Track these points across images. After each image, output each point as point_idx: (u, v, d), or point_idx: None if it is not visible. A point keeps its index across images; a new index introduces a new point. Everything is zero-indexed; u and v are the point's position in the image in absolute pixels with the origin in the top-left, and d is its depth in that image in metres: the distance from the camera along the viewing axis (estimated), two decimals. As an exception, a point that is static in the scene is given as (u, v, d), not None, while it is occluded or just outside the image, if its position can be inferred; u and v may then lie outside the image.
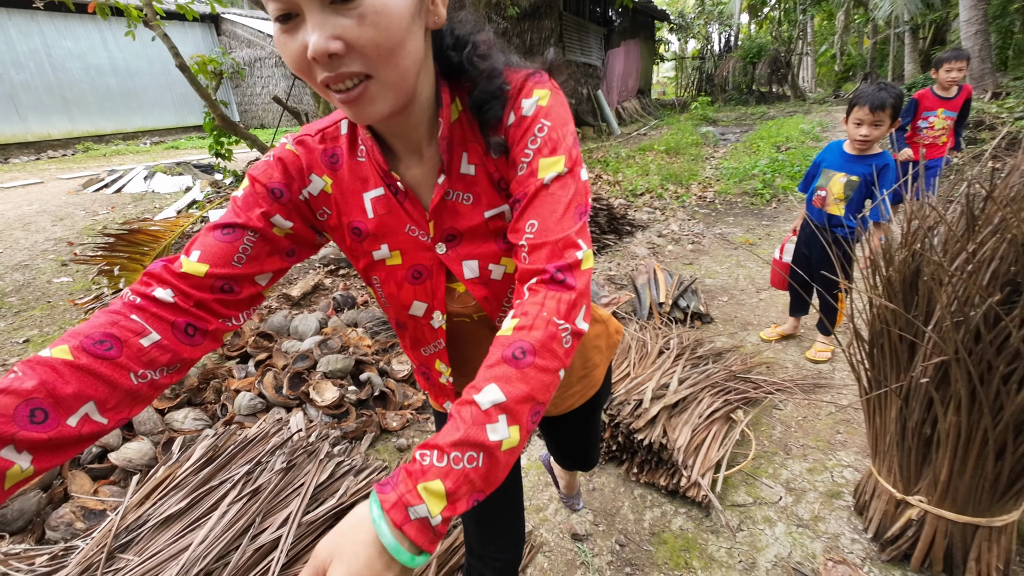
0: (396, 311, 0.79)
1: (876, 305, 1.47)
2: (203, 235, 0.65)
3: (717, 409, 2.14)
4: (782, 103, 18.58)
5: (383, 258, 0.75)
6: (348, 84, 0.57)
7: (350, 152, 0.72)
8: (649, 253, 4.34)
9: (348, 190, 0.72)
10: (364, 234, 0.73)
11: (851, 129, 2.32)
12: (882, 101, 2.19)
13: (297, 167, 0.71)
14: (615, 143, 10.80)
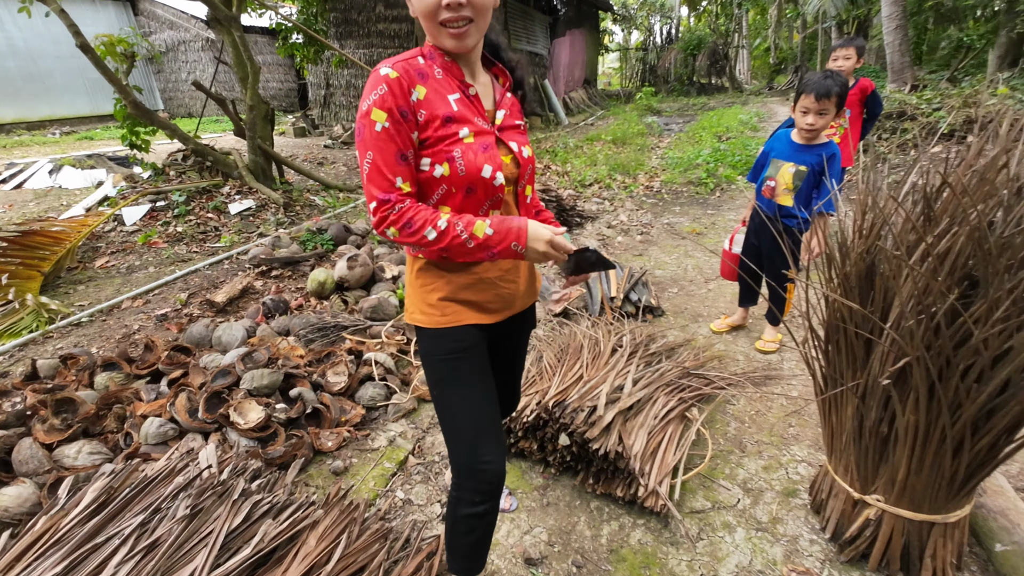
0: (470, 176, 1.07)
1: (832, 301, 1.41)
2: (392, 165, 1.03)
3: (672, 408, 2.07)
4: (721, 94, 19.18)
5: (464, 136, 1.06)
6: (460, 24, 1.01)
7: (431, 72, 1.06)
8: (599, 245, 4.27)
9: (437, 94, 1.06)
10: (452, 119, 1.06)
11: (798, 118, 2.29)
12: (827, 89, 2.17)
13: (402, 86, 1.01)
14: (563, 133, 10.75)
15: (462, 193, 1.09)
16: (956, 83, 7.92)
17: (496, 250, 1.06)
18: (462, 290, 1.17)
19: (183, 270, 3.88)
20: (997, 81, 6.57)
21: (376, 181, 1.02)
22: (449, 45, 1.04)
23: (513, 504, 1.80)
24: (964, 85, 7.36)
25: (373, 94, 0.99)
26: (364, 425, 2.17)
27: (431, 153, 1.05)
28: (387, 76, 1.00)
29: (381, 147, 1.00)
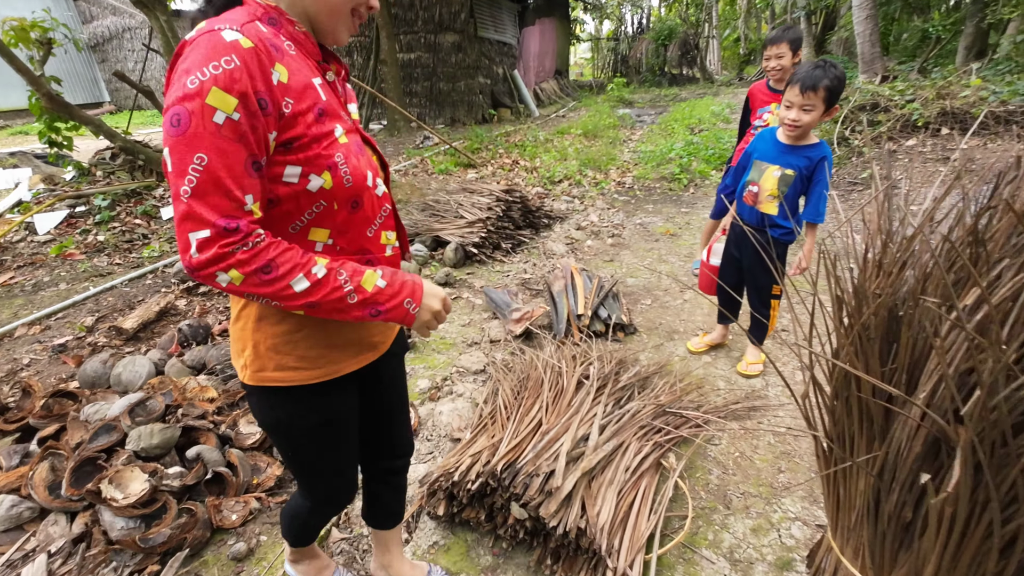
0: (357, 187, 0.86)
1: (841, 360, 1.11)
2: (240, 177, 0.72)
3: (646, 455, 1.77)
4: (692, 85, 19.09)
5: (339, 136, 0.83)
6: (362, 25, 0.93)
7: (282, 45, 0.79)
8: (567, 250, 3.96)
9: (300, 77, 0.79)
10: (326, 113, 0.82)
11: (781, 112, 2.00)
12: (814, 81, 1.87)
13: (261, 62, 0.72)
14: (533, 126, 10.40)
15: (346, 210, 0.87)
16: (926, 74, 7.85)
17: (384, 307, 0.85)
18: (343, 329, 0.94)
19: (97, 287, 3.41)
20: (970, 72, 6.49)
21: (212, 200, 0.70)
22: (342, 39, 0.88)
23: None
24: (934, 76, 7.28)
25: (211, 65, 0.68)
26: (280, 488, 1.81)
27: (303, 159, 0.79)
28: (237, 44, 0.70)
29: (224, 149, 0.69)
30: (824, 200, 2.05)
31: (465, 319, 2.99)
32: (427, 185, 5.85)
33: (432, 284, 0.93)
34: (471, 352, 2.61)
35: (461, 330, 2.86)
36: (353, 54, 10.91)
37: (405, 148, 8.31)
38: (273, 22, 0.81)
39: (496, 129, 9.92)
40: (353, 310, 0.81)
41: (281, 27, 0.81)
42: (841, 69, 1.91)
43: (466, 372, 2.45)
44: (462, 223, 4.01)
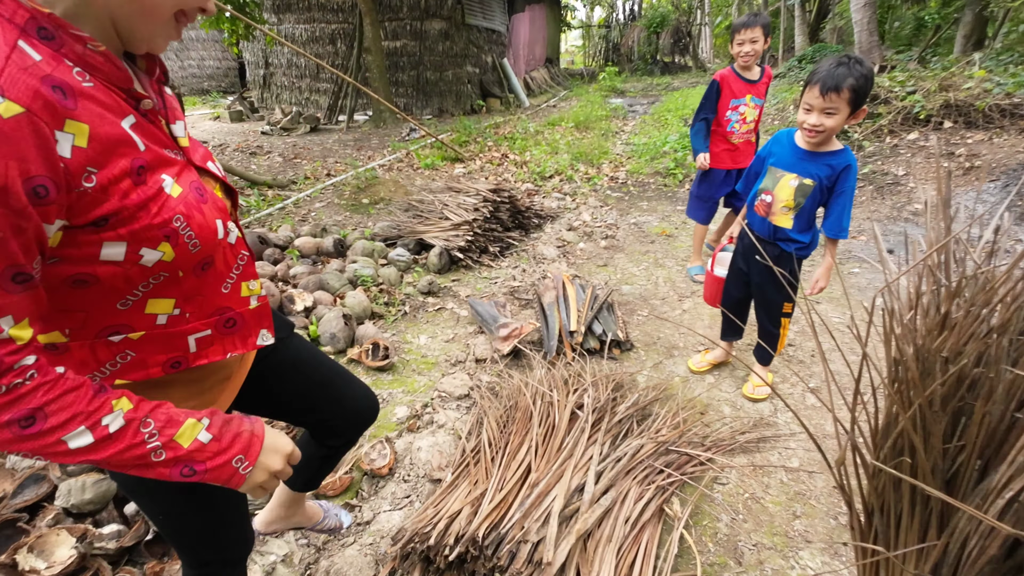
0: (207, 248, 0.70)
1: (893, 430, 0.91)
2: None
3: (648, 501, 1.58)
4: (685, 74, 18.82)
5: (169, 189, 0.65)
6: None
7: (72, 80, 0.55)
8: (559, 255, 3.74)
9: (105, 129, 0.58)
10: (148, 167, 0.63)
11: (800, 116, 1.78)
12: (837, 81, 1.62)
13: (38, 134, 0.51)
14: (523, 117, 10.12)
15: (194, 276, 0.72)
16: (925, 64, 7.68)
17: (204, 467, 0.67)
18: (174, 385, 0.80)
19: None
20: (973, 62, 6.31)
21: None
22: (160, 48, 0.66)
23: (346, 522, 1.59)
24: (934, 66, 7.10)
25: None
26: (235, 546, 1.60)
27: (128, 235, 0.61)
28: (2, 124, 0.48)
29: None
30: (848, 214, 1.84)
31: (449, 333, 2.77)
32: (411, 182, 5.60)
33: (276, 435, 0.77)
34: (455, 373, 2.40)
35: (444, 347, 2.65)
36: (336, 42, 10.52)
37: (390, 140, 8.02)
38: (48, 38, 0.55)
39: (485, 120, 9.63)
40: (158, 467, 0.64)
41: (64, 46, 0.56)
42: (868, 66, 1.69)
43: (449, 397, 2.25)
44: (447, 225, 3.77)
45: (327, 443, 1.19)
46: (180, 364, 0.76)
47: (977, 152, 4.73)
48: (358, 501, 1.75)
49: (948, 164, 4.80)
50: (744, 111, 2.91)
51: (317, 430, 1.17)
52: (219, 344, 0.80)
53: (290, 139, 8.44)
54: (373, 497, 1.77)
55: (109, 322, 0.68)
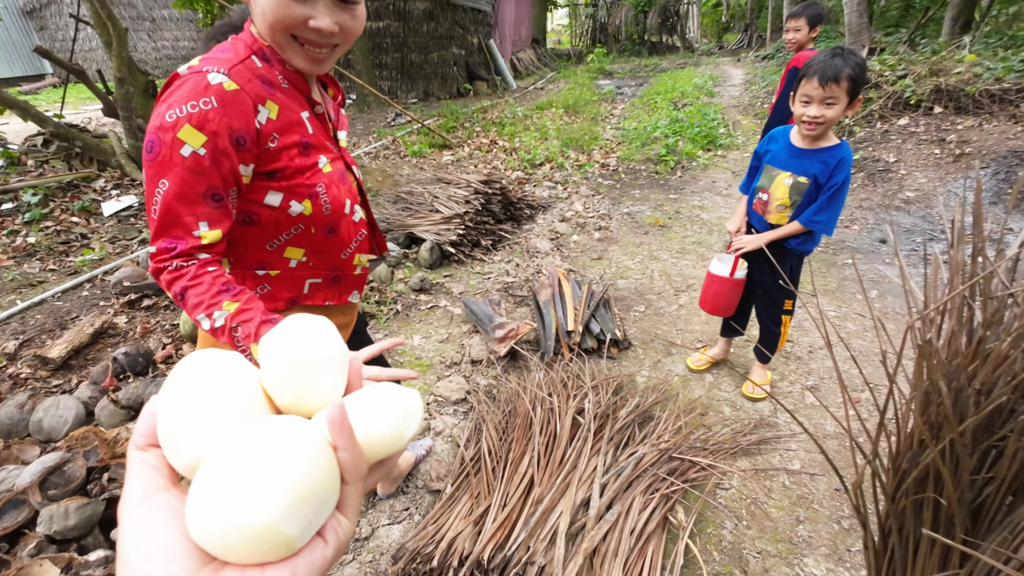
0: (335, 214, 0.96)
1: (921, 459, 0.88)
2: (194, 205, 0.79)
3: (652, 511, 1.56)
4: (673, 54, 18.60)
5: (323, 166, 0.93)
6: (323, 51, 0.85)
7: (276, 80, 0.87)
8: (552, 248, 3.68)
9: (289, 113, 0.88)
10: (310, 147, 0.91)
11: (797, 109, 1.73)
12: (835, 71, 1.60)
13: (244, 104, 0.81)
14: (511, 100, 9.93)
15: (323, 234, 0.97)
16: (915, 46, 7.64)
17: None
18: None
19: (25, 302, 3.02)
20: (963, 46, 6.28)
21: (164, 220, 0.79)
22: (300, 65, 0.88)
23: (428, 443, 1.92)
24: (923, 49, 7.07)
25: (190, 104, 0.77)
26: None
27: (286, 187, 0.89)
28: (220, 87, 0.78)
29: (184, 178, 0.78)
30: (832, 208, 1.78)
31: (443, 333, 2.72)
32: (399, 170, 5.47)
33: None
34: (450, 376, 2.35)
35: (439, 348, 2.59)
36: (317, 22, 10.16)
37: (376, 126, 7.82)
38: (266, 59, 0.86)
39: (472, 104, 9.43)
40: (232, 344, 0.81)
41: (274, 64, 0.87)
42: (862, 56, 1.65)
43: (445, 402, 2.20)
44: (438, 218, 3.69)
45: None
46: (296, 301, 1.01)
47: (968, 139, 4.73)
48: (356, 515, 1.71)
49: (939, 151, 4.80)
50: None
51: None
52: (323, 292, 1.05)
53: (271, 125, 8.18)
54: (371, 511, 1.72)
55: (258, 257, 0.94)
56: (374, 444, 0.34)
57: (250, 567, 0.27)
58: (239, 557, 0.27)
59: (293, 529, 0.28)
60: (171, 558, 0.26)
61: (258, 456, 0.28)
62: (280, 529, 0.27)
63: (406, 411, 0.37)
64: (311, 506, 0.29)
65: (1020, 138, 4.53)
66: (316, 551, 0.29)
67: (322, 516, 0.30)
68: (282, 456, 0.28)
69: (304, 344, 0.36)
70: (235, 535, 0.26)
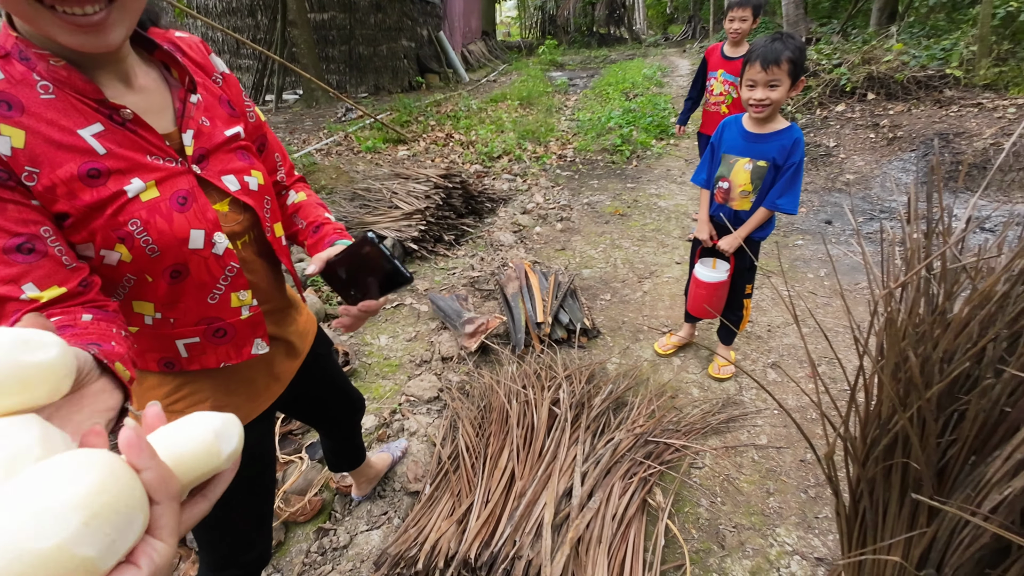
0: (173, 254, 0.71)
1: (890, 425, 0.92)
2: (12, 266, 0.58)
3: (632, 494, 1.59)
4: (621, 46, 18.91)
5: (138, 193, 0.67)
6: (91, 11, 0.56)
7: (28, 87, 0.61)
8: (516, 240, 3.68)
9: (50, 135, 0.61)
10: (105, 173, 0.65)
11: (745, 93, 1.80)
12: (776, 54, 1.68)
13: None
14: (464, 93, 9.83)
15: (164, 281, 0.72)
16: (847, 37, 8.06)
17: None
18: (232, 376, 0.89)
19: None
20: (891, 35, 6.67)
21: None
22: (67, 42, 0.58)
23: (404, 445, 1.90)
24: (855, 39, 7.47)
25: None
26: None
27: (87, 235, 0.65)
28: None
29: None
30: (793, 189, 1.87)
31: (411, 331, 2.66)
32: (354, 167, 5.32)
33: None
34: (421, 375, 2.31)
35: (407, 347, 2.54)
36: (257, 13, 9.72)
37: (326, 122, 7.57)
38: (25, 59, 0.61)
39: (425, 97, 9.28)
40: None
41: (33, 61, 0.61)
42: (800, 39, 1.74)
43: (418, 401, 2.16)
44: (398, 215, 3.61)
45: (333, 436, 1.43)
46: (173, 365, 0.81)
47: (899, 123, 5.03)
48: (331, 524, 1.65)
49: (874, 135, 5.09)
50: (713, 84, 3.17)
51: (327, 427, 1.38)
52: (212, 353, 0.82)
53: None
54: (348, 518, 1.67)
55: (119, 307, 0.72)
56: (185, 461, 0.34)
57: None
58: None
59: (91, 550, 0.26)
60: None
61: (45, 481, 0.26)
62: (73, 551, 0.25)
63: (219, 427, 0.37)
64: (111, 524, 0.27)
65: (945, 121, 4.86)
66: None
67: (128, 537, 0.28)
68: (71, 477, 0.27)
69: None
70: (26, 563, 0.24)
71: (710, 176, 2.03)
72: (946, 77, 5.45)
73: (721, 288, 2.03)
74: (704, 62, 3.27)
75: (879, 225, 3.77)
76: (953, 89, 5.37)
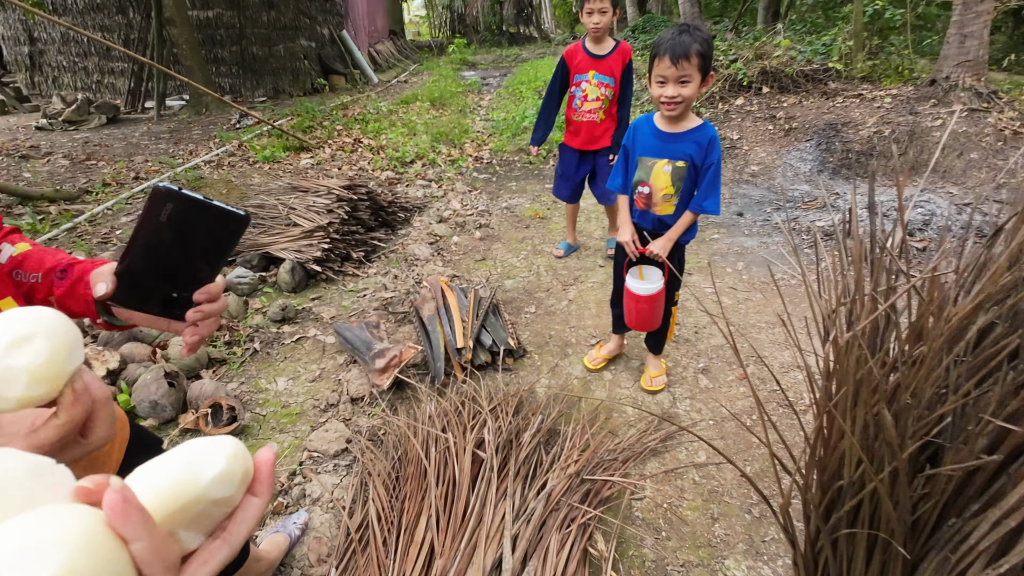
0: None
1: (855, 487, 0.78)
2: None
3: (572, 547, 1.40)
4: (531, 44, 19.03)
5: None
6: None
7: None
8: (432, 252, 3.41)
9: None
10: None
11: (655, 91, 1.67)
12: (685, 48, 1.56)
13: None
14: (373, 95, 9.35)
15: None
16: (739, 34, 8.50)
17: None
18: None
19: None
20: (779, 32, 7.08)
21: None
22: None
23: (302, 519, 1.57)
24: (746, 35, 7.88)
25: None
26: None
27: None
28: None
29: None
30: (716, 188, 1.77)
31: (314, 369, 2.33)
32: (248, 180, 4.80)
33: None
34: (326, 423, 2.00)
35: (311, 388, 2.22)
36: (127, 10, 8.65)
37: (217, 130, 6.85)
38: None
39: (331, 100, 8.70)
40: None
41: None
42: (706, 31, 1.64)
43: (322, 457, 1.86)
44: (297, 233, 3.22)
45: None
46: None
47: (793, 114, 5.30)
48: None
49: (772, 127, 5.32)
50: (586, 88, 2.74)
51: None
52: None
53: (79, 134, 6.82)
54: (234, 624, 1.36)
55: None
56: (163, 503, 0.27)
57: None
58: None
59: None
60: None
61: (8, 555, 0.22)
62: None
63: (197, 450, 0.30)
64: None
65: (833, 112, 5.17)
66: None
67: None
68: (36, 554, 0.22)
69: None
70: None
71: (627, 181, 1.89)
72: (829, 70, 5.83)
73: (658, 298, 1.88)
74: (563, 66, 2.81)
75: (781, 216, 3.89)
76: (836, 81, 5.76)
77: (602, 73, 2.72)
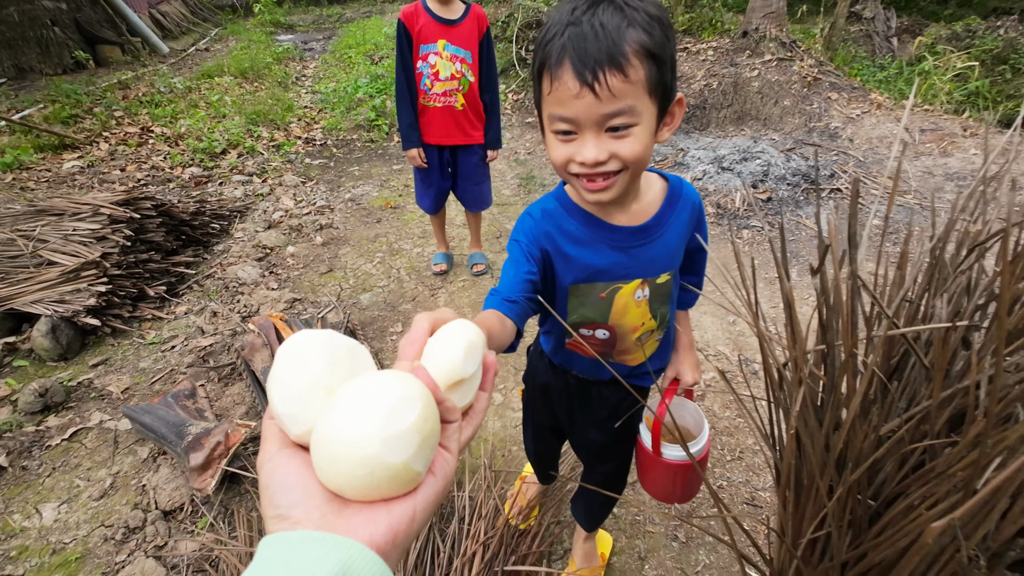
0: None
1: None
2: None
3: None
4: (355, 2, 17.31)
5: None
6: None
7: None
8: (262, 271, 2.75)
9: None
10: None
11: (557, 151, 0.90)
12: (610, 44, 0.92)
13: None
14: (164, 69, 7.65)
15: None
16: None
17: None
18: None
19: None
20: None
21: None
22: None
23: None
24: None
25: None
26: None
27: None
28: None
29: None
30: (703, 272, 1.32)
31: (103, 478, 1.66)
32: (-22, 200, 3.50)
33: None
34: (129, 563, 1.41)
35: (98, 511, 1.56)
36: None
37: (-76, 130, 4.98)
38: None
39: (103, 79, 6.90)
40: None
41: None
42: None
43: (124, 623, 1.29)
44: (55, 275, 2.34)
45: None
46: None
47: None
48: None
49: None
50: (436, 63, 2.15)
51: None
52: None
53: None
54: None
55: None
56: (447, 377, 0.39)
57: (376, 503, 0.33)
58: (376, 494, 0.32)
59: (420, 466, 0.34)
60: (308, 490, 0.32)
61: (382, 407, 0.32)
62: (412, 467, 0.33)
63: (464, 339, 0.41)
64: (431, 445, 0.34)
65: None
66: (429, 486, 0.35)
67: (433, 453, 0.35)
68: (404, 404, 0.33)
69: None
70: (378, 475, 0.31)
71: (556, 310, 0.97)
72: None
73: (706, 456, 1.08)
74: (404, 33, 2.14)
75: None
76: (664, 36, 5.93)
77: (455, 44, 2.14)
